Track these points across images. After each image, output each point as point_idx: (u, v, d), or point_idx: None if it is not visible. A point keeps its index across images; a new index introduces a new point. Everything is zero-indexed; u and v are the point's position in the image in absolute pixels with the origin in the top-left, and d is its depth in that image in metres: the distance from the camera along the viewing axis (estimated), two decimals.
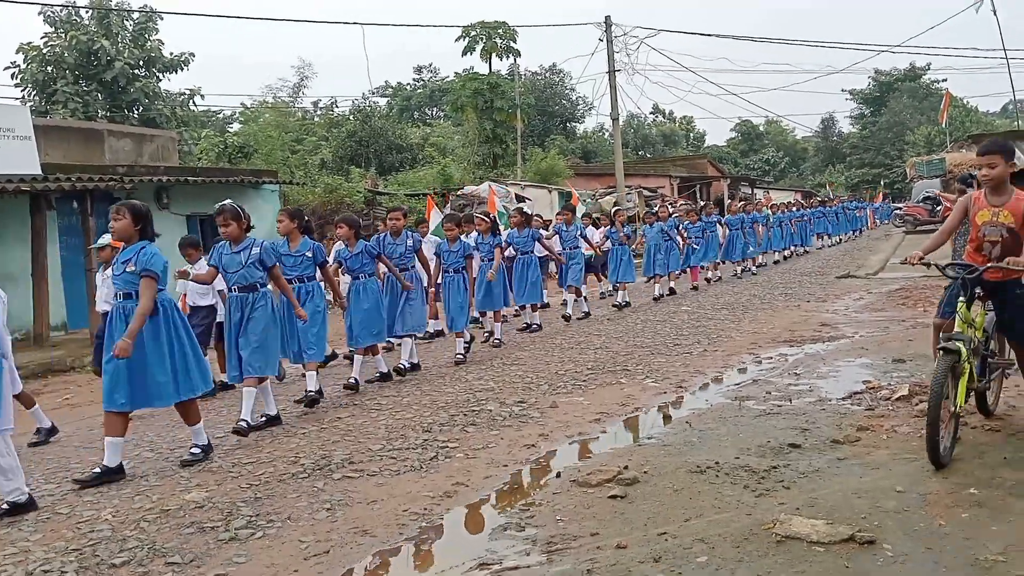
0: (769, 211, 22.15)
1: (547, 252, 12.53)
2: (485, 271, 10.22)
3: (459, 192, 22.85)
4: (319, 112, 47.38)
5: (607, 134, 49.93)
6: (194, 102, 31.58)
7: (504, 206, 16.09)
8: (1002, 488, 4.17)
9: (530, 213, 12.22)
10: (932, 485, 4.28)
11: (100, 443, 6.59)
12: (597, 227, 15.71)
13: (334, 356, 9.58)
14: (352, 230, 8.22)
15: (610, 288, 14.98)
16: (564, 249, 12.67)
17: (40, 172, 11.98)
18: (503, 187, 23.21)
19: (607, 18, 25.57)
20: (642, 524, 4.09)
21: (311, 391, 7.23)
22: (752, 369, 7.95)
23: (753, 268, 18.76)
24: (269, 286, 6.81)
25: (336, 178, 25.37)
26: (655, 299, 14.25)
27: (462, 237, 9.94)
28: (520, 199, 23.30)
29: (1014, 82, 36.00)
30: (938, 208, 32.61)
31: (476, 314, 10.89)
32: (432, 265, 9.47)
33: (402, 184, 27.47)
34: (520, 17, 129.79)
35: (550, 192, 26.63)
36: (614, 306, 13.39)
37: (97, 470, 5.42)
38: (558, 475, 4.97)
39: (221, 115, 44.48)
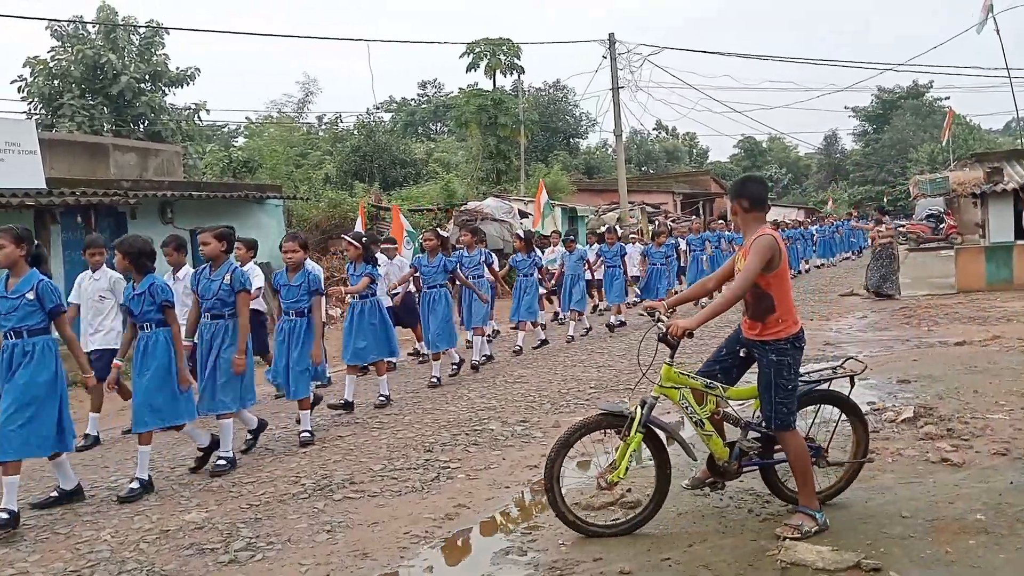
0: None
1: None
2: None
3: (462, 207, 22.86)
4: (324, 127, 47.56)
5: (610, 150, 50.06)
6: (199, 116, 31.68)
7: (411, 228, 14.50)
8: (1008, 515, 4.12)
9: (446, 236, 10.25)
10: (938, 511, 4.24)
11: (98, 461, 6.60)
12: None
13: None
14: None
15: (606, 304, 14.68)
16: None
17: (45, 186, 11.99)
18: (505, 203, 23.24)
19: (611, 35, 25.68)
20: (645, 549, 4.06)
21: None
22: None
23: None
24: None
25: (340, 193, 25.43)
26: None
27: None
28: (523, 215, 23.34)
29: (1017, 100, 35.90)
30: (941, 226, 32.67)
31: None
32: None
33: (406, 199, 27.50)
34: (524, 34, 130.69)
35: (553, 208, 26.63)
36: (607, 326, 13.16)
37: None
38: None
39: (226, 129, 44.70)
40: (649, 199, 33.50)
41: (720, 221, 20.82)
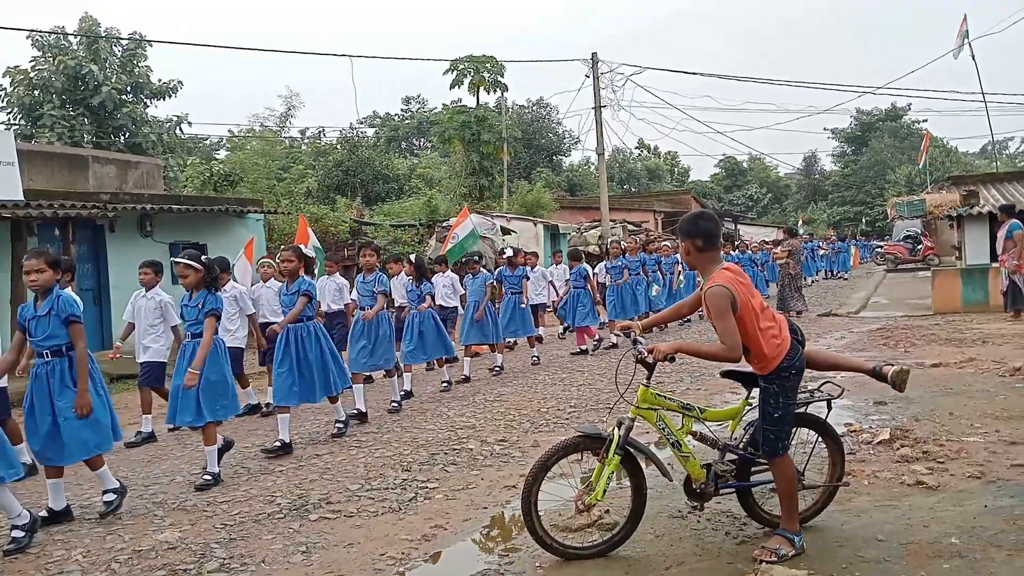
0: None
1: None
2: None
3: (444, 223, 22.87)
4: (306, 141, 47.48)
5: (593, 168, 50.28)
6: (181, 129, 31.57)
7: (316, 244, 12.84)
8: (982, 538, 4.15)
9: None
10: (913, 534, 4.26)
11: (76, 477, 6.49)
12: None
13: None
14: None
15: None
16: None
17: (22, 198, 11.88)
18: (489, 219, 23.28)
19: (594, 55, 25.83)
20: (623, 572, 4.05)
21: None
22: None
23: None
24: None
25: (322, 207, 25.37)
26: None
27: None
28: (506, 231, 23.39)
29: (992, 125, 36.50)
30: (918, 247, 33.06)
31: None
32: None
33: (388, 214, 27.49)
34: (508, 51, 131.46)
35: (535, 224, 26.73)
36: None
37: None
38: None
39: (208, 142, 44.50)
40: (631, 217, 33.68)
41: (667, 243, 19.23)
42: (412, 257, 10.25)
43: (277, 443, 6.87)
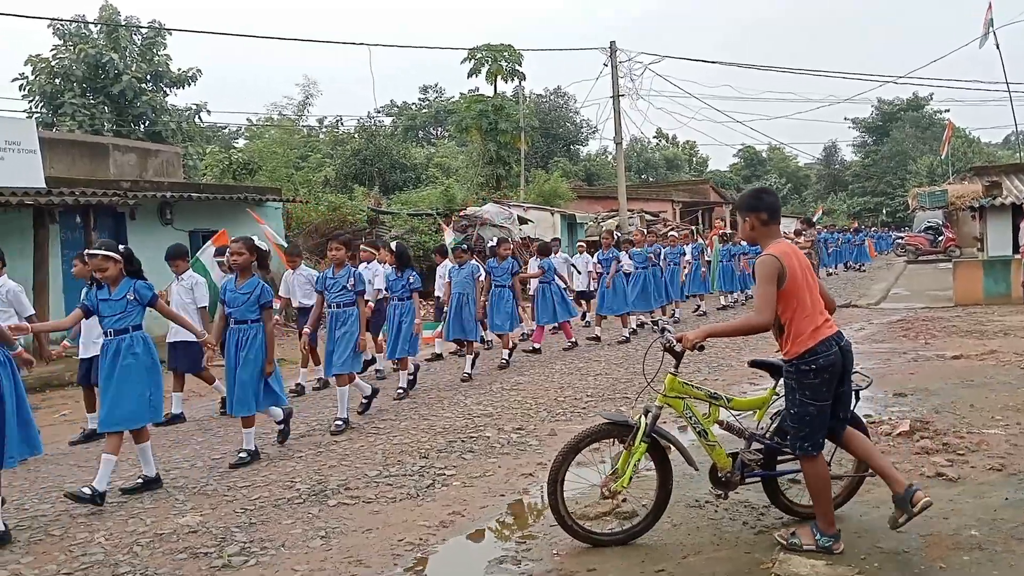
0: (702, 243, 18.24)
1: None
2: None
3: (462, 213, 22.89)
4: (324, 130, 47.61)
5: (610, 157, 50.15)
6: (200, 117, 31.74)
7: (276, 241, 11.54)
8: (1002, 530, 4.13)
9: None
10: (932, 526, 4.24)
11: (95, 461, 6.57)
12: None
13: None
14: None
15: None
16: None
17: (44, 186, 11.99)
18: (505, 208, 23.26)
19: (612, 43, 25.70)
20: (640, 560, 4.06)
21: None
22: None
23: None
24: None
25: (340, 196, 25.44)
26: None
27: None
28: (523, 221, 23.36)
29: (1016, 115, 36.01)
30: (939, 239, 32.75)
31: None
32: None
33: (405, 203, 27.53)
34: (526, 40, 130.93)
35: (552, 214, 26.68)
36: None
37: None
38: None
39: (227, 131, 44.72)
40: (648, 207, 33.55)
41: (674, 234, 19.08)
42: (393, 245, 9.52)
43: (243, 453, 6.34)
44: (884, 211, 63.89)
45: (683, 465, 5.65)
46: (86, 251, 6.58)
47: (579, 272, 15.21)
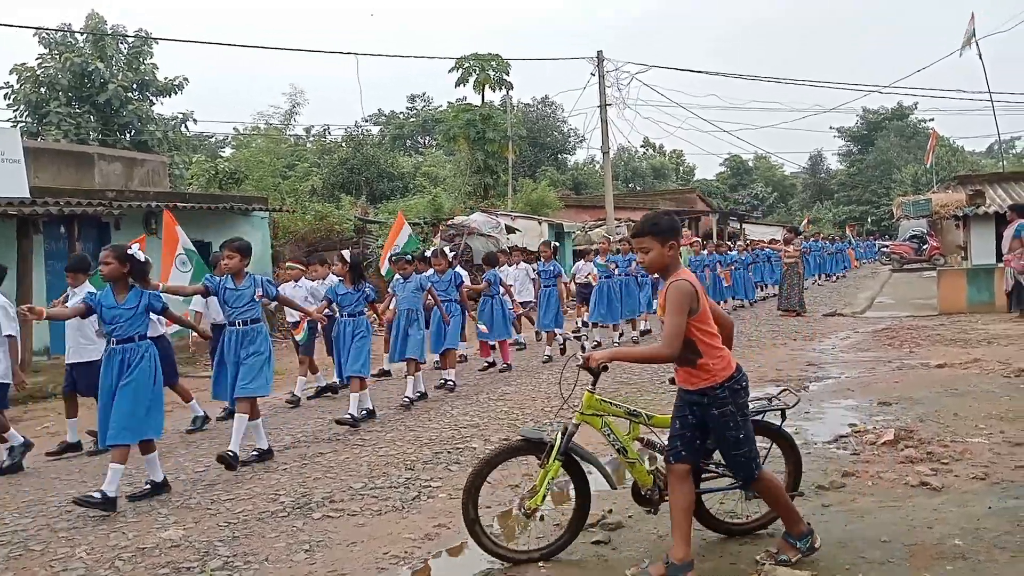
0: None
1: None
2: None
3: (449, 222, 22.88)
4: (311, 139, 47.53)
5: (597, 166, 50.30)
6: (186, 126, 31.61)
7: (190, 246, 10.16)
8: (986, 540, 4.14)
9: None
10: (917, 536, 4.26)
11: (76, 475, 6.52)
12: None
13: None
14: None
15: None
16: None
17: (28, 196, 11.92)
18: (492, 218, 23.27)
19: (599, 53, 25.82)
20: (624, 571, 4.04)
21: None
22: None
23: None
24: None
25: (327, 206, 25.40)
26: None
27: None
28: (510, 230, 23.38)
29: (999, 124, 36.47)
30: (924, 247, 33.00)
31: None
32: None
33: (393, 213, 27.50)
34: (514, 49, 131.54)
35: (540, 223, 26.71)
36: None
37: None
38: (541, 518, 4.88)
39: (213, 140, 44.59)
40: (635, 216, 33.57)
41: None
42: (346, 254, 8.67)
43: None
44: (869, 220, 64.37)
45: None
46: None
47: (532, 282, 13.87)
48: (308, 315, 8.11)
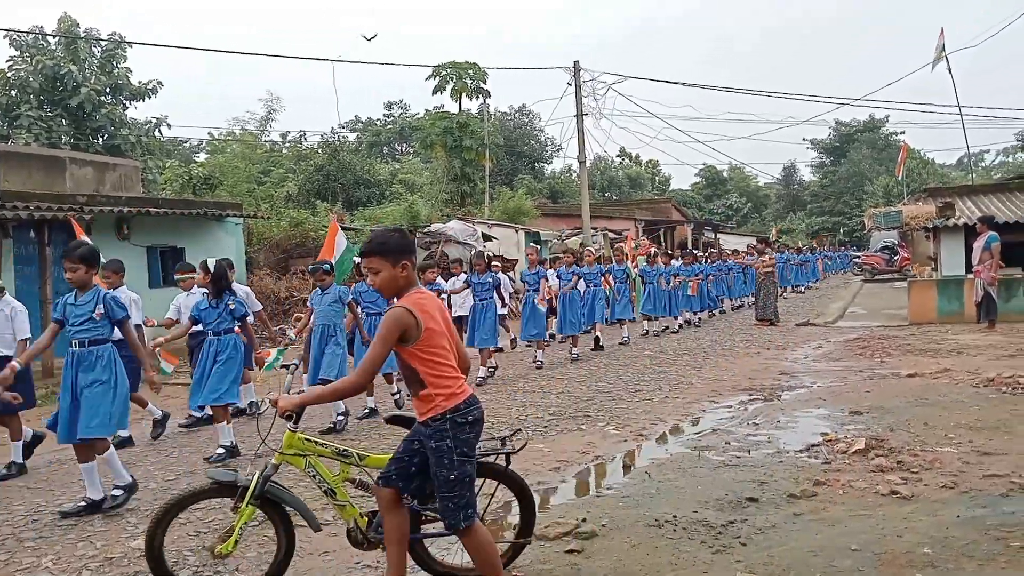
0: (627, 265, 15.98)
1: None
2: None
3: (426, 229, 22.85)
4: (287, 145, 47.30)
5: (574, 175, 50.48)
6: (160, 131, 31.35)
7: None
8: (954, 548, 4.19)
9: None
10: (887, 544, 4.30)
11: (43, 483, 6.42)
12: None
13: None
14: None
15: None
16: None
17: None
18: (469, 225, 23.27)
19: (576, 63, 25.95)
20: None
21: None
22: (712, 418, 7.97)
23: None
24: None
25: (302, 212, 25.28)
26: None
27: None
28: (487, 238, 23.38)
29: (968, 137, 37.04)
30: (895, 258, 33.43)
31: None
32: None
33: (369, 220, 27.42)
34: (491, 58, 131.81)
35: (517, 231, 26.77)
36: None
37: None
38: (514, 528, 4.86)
39: (187, 145, 44.23)
40: (611, 225, 33.77)
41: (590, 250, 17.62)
42: (210, 263, 7.80)
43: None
44: (841, 230, 65.16)
45: (643, 484, 5.67)
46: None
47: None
48: (142, 358, 6.19)
